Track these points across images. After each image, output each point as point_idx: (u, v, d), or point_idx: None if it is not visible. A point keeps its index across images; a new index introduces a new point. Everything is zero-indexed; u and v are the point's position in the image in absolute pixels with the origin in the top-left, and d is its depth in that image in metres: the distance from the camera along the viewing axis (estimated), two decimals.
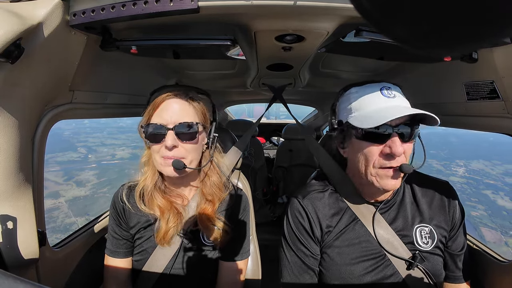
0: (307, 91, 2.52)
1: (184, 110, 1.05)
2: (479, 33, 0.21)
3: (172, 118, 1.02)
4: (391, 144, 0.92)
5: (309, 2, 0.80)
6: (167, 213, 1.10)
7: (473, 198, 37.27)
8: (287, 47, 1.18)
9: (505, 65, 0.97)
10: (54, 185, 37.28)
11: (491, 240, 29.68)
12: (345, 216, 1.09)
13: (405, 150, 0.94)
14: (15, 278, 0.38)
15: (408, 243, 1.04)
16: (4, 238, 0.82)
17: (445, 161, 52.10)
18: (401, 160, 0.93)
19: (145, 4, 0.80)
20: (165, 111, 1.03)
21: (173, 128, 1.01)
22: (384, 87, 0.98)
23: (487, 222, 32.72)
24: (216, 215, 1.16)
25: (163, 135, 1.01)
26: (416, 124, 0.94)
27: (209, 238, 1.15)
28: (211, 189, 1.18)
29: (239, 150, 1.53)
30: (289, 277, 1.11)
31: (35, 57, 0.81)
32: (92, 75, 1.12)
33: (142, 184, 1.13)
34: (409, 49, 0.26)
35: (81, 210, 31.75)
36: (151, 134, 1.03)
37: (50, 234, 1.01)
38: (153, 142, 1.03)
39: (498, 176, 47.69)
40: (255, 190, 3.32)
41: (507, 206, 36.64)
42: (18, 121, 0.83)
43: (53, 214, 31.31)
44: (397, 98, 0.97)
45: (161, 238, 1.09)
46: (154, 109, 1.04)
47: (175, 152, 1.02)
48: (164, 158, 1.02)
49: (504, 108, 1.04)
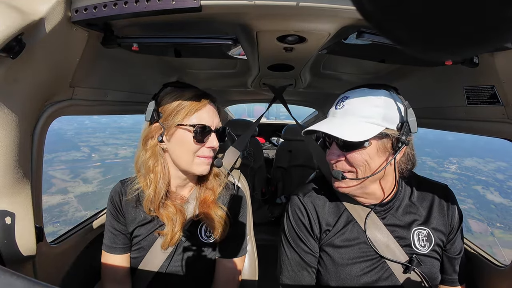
0: (307, 92, 2.52)
1: (217, 115, 1.15)
2: (480, 37, 0.21)
3: (215, 121, 1.12)
4: (330, 150, 1.02)
5: (312, 3, 0.80)
6: (174, 217, 1.11)
7: (462, 192, 39.41)
8: (289, 47, 1.18)
9: (506, 70, 0.97)
10: (61, 182, 38.15)
11: (477, 231, 31.51)
12: (343, 216, 1.09)
13: (348, 158, 0.97)
14: (12, 274, 0.38)
15: (405, 245, 1.04)
16: (2, 234, 0.82)
17: (438, 159, 52.90)
18: (340, 166, 1.00)
19: (148, 1, 0.80)
20: (210, 114, 1.11)
21: (216, 131, 1.11)
22: (341, 99, 1.02)
23: (475, 214, 34.78)
24: (217, 204, 1.19)
25: (207, 136, 1.08)
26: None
27: (209, 229, 1.15)
28: (209, 180, 1.22)
29: (237, 149, 1.53)
30: (288, 274, 1.12)
31: (36, 52, 0.80)
32: (93, 72, 1.12)
33: (151, 192, 1.08)
34: (410, 52, 0.26)
35: (90, 204, 32.61)
36: (200, 134, 1.06)
37: (62, 226, 1.02)
38: (198, 142, 1.07)
39: (489, 173, 49.03)
40: (253, 190, 3.32)
41: (496, 200, 38.71)
42: (18, 117, 0.83)
43: (64, 208, 32.47)
44: (343, 109, 0.99)
45: (167, 243, 1.10)
46: (196, 110, 1.07)
47: (214, 153, 1.14)
48: (201, 157, 1.09)
49: (504, 113, 1.04)
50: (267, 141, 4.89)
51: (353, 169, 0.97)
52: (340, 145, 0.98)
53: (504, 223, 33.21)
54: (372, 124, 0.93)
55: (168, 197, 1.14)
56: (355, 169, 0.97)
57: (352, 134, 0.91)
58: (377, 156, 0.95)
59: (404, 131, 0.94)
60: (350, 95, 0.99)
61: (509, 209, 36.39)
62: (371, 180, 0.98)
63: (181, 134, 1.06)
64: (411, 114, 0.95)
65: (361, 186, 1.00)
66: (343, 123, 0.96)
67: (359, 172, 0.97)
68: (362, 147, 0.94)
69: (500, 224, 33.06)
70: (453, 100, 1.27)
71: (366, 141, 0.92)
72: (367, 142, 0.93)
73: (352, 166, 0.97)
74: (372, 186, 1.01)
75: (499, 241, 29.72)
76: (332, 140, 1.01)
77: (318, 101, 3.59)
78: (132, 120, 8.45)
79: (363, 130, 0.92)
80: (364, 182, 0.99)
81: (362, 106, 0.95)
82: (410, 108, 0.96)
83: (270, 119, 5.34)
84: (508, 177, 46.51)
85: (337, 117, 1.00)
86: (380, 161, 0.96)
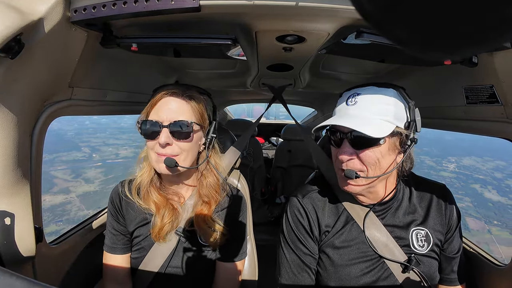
0: (307, 92, 2.52)
1: (180, 108, 1.05)
2: (480, 37, 0.21)
3: (168, 116, 1.02)
4: (341, 148, 0.97)
5: (311, 3, 0.80)
6: (162, 209, 1.11)
7: (460, 191, 39.52)
8: (288, 47, 1.18)
9: (505, 70, 0.97)
10: (63, 182, 38.38)
11: (475, 228, 31.80)
12: (342, 217, 1.09)
13: (360, 156, 0.94)
14: (11, 274, 0.38)
15: (404, 246, 1.05)
16: (1, 234, 0.82)
17: (437, 158, 53.18)
18: (351, 165, 0.96)
19: (147, 1, 0.80)
20: (162, 109, 1.04)
21: (167, 126, 1.01)
22: (352, 95, 0.99)
23: (472, 212, 34.96)
24: (213, 216, 1.16)
25: (158, 132, 1.02)
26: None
27: (205, 239, 1.15)
28: (208, 191, 1.17)
29: (237, 150, 1.53)
30: (287, 275, 1.11)
31: (35, 53, 0.80)
32: (92, 72, 1.12)
33: (139, 178, 1.14)
34: (410, 52, 0.26)
35: (92, 203, 32.84)
36: (147, 131, 1.04)
37: (65, 225, 1.02)
38: (148, 138, 1.04)
39: (488, 171, 49.22)
40: (253, 190, 3.33)
41: (494, 198, 38.93)
42: (17, 117, 0.82)
43: (67, 208, 32.62)
44: (357, 105, 0.96)
45: (156, 234, 1.09)
46: (152, 106, 1.05)
47: (168, 150, 1.03)
48: (158, 155, 1.03)
49: (503, 112, 1.05)
50: (267, 141, 4.89)
51: (364, 167, 0.95)
52: (353, 143, 0.95)
53: (502, 221, 33.54)
54: (386, 121, 0.93)
55: (161, 190, 1.15)
56: (366, 167, 0.95)
57: (372, 130, 0.89)
58: (387, 154, 0.95)
59: (412, 129, 0.95)
60: (361, 92, 0.98)
61: (507, 207, 36.80)
62: (380, 178, 0.98)
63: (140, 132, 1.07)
64: (418, 113, 0.97)
65: (369, 186, 0.99)
66: (360, 119, 0.93)
67: (369, 171, 0.95)
68: (376, 145, 0.92)
69: (498, 222, 33.39)
70: (452, 100, 1.28)
71: (381, 138, 0.91)
72: (382, 139, 0.92)
73: (364, 164, 0.95)
74: (378, 185, 1.01)
75: (496, 239, 30.07)
76: (343, 138, 0.97)
77: (318, 101, 3.59)
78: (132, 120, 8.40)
79: (381, 127, 0.91)
80: (374, 181, 0.98)
81: (376, 103, 0.95)
82: (416, 107, 0.97)
83: (269, 119, 5.35)
84: (507, 176, 46.86)
85: (351, 113, 0.97)
86: (390, 159, 0.96)
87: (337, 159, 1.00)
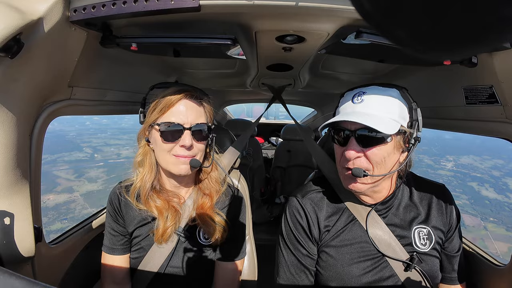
0: (306, 92, 2.52)
1: (199, 111, 1.08)
2: (479, 37, 0.21)
3: (189, 118, 1.04)
4: (347, 146, 0.96)
5: (311, 3, 0.80)
6: (165, 212, 1.11)
7: (458, 189, 39.99)
8: (288, 47, 1.18)
9: (505, 70, 0.97)
10: (66, 181, 38.80)
11: (470, 225, 32.39)
12: (343, 216, 1.09)
13: (367, 155, 0.94)
14: (11, 274, 0.38)
15: (406, 244, 1.05)
16: (1, 234, 0.82)
17: (435, 156, 53.52)
18: (358, 164, 0.95)
19: (146, 1, 0.80)
20: (181, 111, 1.04)
21: (189, 128, 1.04)
22: (357, 93, 0.99)
23: (468, 209, 35.61)
24: (214, 210, 1.17)
25: (180, 135, 1.03)
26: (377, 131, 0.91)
27: (206, 234, 1.15)
28: (208, 182, 1.19)
29: (237, 149, 1.53)
30: (285, 276, 1.11)
31: (34, 52, 0.80)
32: (92, 72, 1.12)
33: (139, 184, 1.13)
34: (409, 51, 0.26)
35: (96, 202, 33.29)
36: (167, 133, 1.03)
37: (70, 223, 1.02)
38: (167, 141, 1.03)
39: (485, 170, 49.61)
40: (252, 190, 3.33)
41: (490, 196, 39.50)
42: (16, 117, 0.82)
43: (71, 206, 33.16)
44: (364, 103, 0.96)
45: (159, 237, 1.09)
46: (168, 107, 1.04)
47: (190, 152, 1.05)
48: (177, 157, 1.04)
49: (502, 112, 1.05)
50: (266, 141, 4.89)
51: (370, 166, 0.95)
52: (360, 141, 0.95)
53: (498, 218, 34.09)
54: (392, 120, 0.93)
55: (160, 193, 1.15)
56: (372, 166, 0.95)
57: (385, 127, 0.89)
58: (393, 153, 0.95)
59: (415, 128, 0.96)
60: (367, 91, 0.98)
61: (503, 205, 37.37)
62: (385, 177, 0.98)
63: (154, 134, 1.06)
64: (420, 113, 0.98)
65: (374, 184, 0.98)
66: (369, 116, 0.93)
67: (375, 169, 0.95)
68: (383, 143, 0.92)
69: (494, 219, 33.96)
70: (452, 100, 1.28)
71: (390, 136, 0.92)
72: (390, 137, 0.92)
73: (370, 163, 0.95)
74: (382, 184, 1.01)
75: (492, 235, 30.54)
76: (349, 136, 0.96)
77: (317, 101, 3.59)
78: (133, 120, 8.50)
79: (390, 125, 0.91)
80: (380, 179, 0.97)
81: (382, 101, 0.95)
82: (418, 107, 0.98)
83: (269, 119, 5.35)
84: (504, 174, 47.19)
85: (359, 110, 0.96)
86: (394, 158, 0.96)
87: (342, 158, 0.99)
